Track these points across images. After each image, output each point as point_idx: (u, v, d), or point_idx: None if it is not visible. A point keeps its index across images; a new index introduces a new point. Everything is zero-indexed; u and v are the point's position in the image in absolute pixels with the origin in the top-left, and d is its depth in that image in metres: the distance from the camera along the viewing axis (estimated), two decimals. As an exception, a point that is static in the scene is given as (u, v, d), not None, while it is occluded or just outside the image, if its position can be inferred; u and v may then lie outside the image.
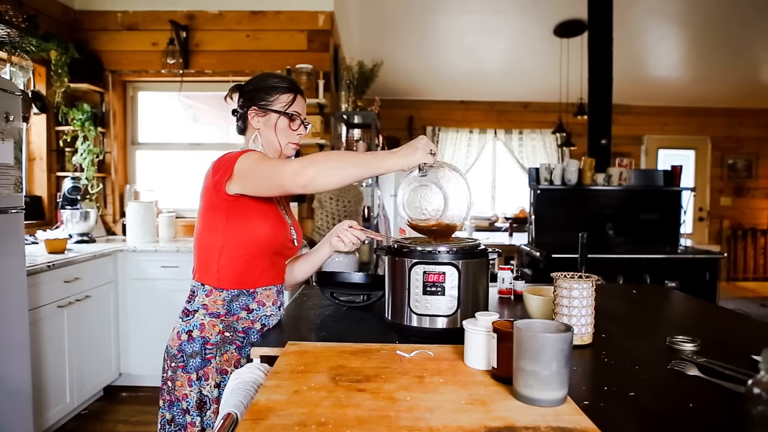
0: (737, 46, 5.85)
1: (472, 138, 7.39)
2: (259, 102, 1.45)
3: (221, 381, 1.34)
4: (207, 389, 1.34)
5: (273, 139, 1.45)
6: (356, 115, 4.20)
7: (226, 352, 1.36)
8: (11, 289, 2.15)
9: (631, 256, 3.70)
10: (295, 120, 1.47)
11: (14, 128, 2.20)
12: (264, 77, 1.50)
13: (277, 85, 1.46)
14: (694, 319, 1.69)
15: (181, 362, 1.35)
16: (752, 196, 7.58)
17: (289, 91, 1.46)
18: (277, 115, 1.44)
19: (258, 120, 1.45)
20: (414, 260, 1.28)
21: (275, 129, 1.44)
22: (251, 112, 1.45)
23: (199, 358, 1.34)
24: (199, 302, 1.38)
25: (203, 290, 1.39)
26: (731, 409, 0.89)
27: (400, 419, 0.83)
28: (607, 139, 4.25)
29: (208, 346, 1.35)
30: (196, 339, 1.35)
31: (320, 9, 3.90)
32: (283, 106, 1.45)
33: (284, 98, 1.45)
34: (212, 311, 1.37)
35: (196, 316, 1.37)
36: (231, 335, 1.38)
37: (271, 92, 1.45)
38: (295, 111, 1.46)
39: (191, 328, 1.36)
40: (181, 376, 1.34)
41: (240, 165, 1.29)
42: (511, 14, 5.35)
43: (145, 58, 3.93)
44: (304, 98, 1.53)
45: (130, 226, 3.54)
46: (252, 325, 1.41)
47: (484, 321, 1.06)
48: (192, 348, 1.35)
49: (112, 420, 2.96)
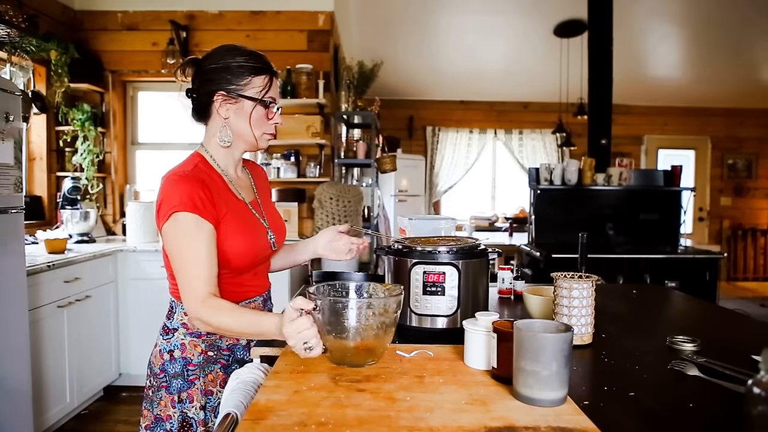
0: (737, 46, 5.85)
1: (472, 138, 7.39)
2: (226, 86, 1.22)
3: (206, 402, 1.26)
4: (192, 412, 1.24)
5: (246, 131, 1.25)
6: (356, 115, 4.21)
7: (210, 372, 1.27)
8: (11, 289, 2.15)
9: (631, 256, 3.70)
10: (272, 107, 1.26)
11: (14, 128, 2.20)
12: (227, 52, 1.25)
13: (248, 64, 1.23)
14: (694, 319, 1.69)
15: (164, 382, 1.25)
16: (752, 196, 7.58)
17: (263, 71, 1.24)
18: (252, 104, 1.23)
19: (227, 108, 1.23)
20: (414, 260, 1.27)
21: (249, 119, 1.24)
22: (217, 98, 1.23)
23: (182, 380, 1.24)
24: (179, 321, 1.27)
25: (181, 308, 1.26)
26: (731, 409, 0.89)
27: (400, 419, 0.83)
28: (607, 139, 4.25)
29: (191, 367, 1.25)
30: (178, 360, 1.25)
31: (320, 9, 3.90)
32: (258, 92, 1.23)
33: (258, 81, 1.23)
34: (192, 331, 1.25)
35: (176, 335, 1.26)
36: (215, 354, 1.27)
37: (242, 74, 1.22)
38: (271, 97, 1.26)
39: (172, 347, 1.26)
40: (165, 396, 1.25)
41: (165, 233, 1.17)
42: (511, 14, 5.35)
43: (145, 58, 3.93)
44: (278, 79, 1.31)
45: (130, 226, 3.54)
46: (237, 342, 1.31)
47: (484, 321, 1.05)
48: (174, 369, 1.25)
49: (112, 420, 2.96)
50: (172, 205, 1.16)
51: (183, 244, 1.15)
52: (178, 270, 1.17)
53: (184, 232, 1.15)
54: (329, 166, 4.03)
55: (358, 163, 4.31)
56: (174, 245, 1.17)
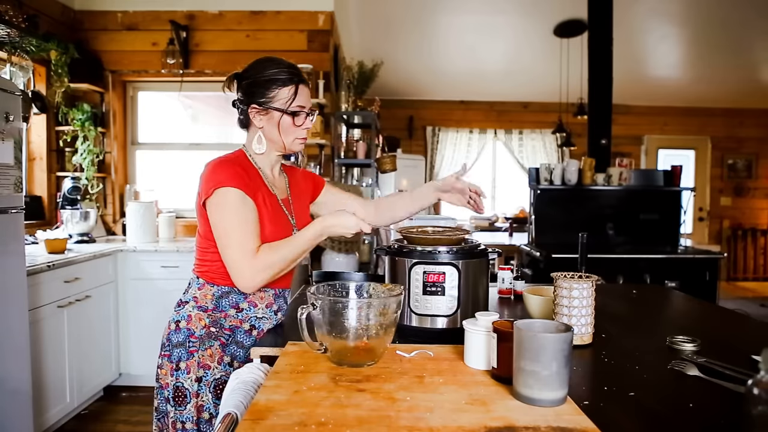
0: (737, 47, 5.85)
1: (472, 138, 7.39)
2: (258, 99, 1.34)
3: (203, 376, 1.32)
4: (188, 382, 1.31)
5: (277, 139, 1.37)
6: (356, 115, 4.21)
7: (210, 347, 1.33)
8: (11, 289, 2.15)
9: (631, 256, 3.70)
10: (300, 115, 1.36)
11: (14, 128, 2.20)
12: (260, 66, 1.36)
13: (275, 77, 1.34)
14: (694, 319, 1.69)
15: (167, 351, 1.34)
16: (752, 196, 7.58)
17: (288, 82, 1.34)
18: (280, 114, 1.34)
19: (260, 119, 1.36)
20: (414, 260, 1.28)
21: (278, 128, 1.35)
22: (252, 110, 1.36)
23: (183, 349, 1.32)
24: (191, 294, 1.38)
25: (197, 283, 1.38)
26: (731, 409, 0.89)
27: (400, 419, 0.83)
28: (607, 139, 4.25)
29: (192, 338, 1.33)
30: (182, 330, 1.34)
31: (320, 9, 3.90)
32: (285, 103, 1.34)
33: (284, 93, 1.34)
34: (201, 304, 1.35)
35: (186, 307, 1.36)
36: (216, 331, 1.35)
37: (270, 87, 1.33)
38: (299, 105, 1.36)
39: (180, 318, 1.36)
40: (166, 364, 1.33)
41: (212, 206, 1.29)
42: (511, 14, 5.35)
43: (145, 58, 3.93)
44: (307, 85, 1.40)
45: (130, 226, 3.54)
46: (240, 325, 1.37)
47: (484, 321, 1.05)
48: (177, 338, 1.34)
49: (112, 420, 2.96)
50: (218, 180, 1.28)
51: (230, 215, 1.27)
52: (228, 238, 1.26)
53: (231, 204, 1.27)
54: (329, 166, 4.03)
55: (358, 163, 4.31)
56: (220, 216, 1.27)
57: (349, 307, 1.05)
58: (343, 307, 1.04)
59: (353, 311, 1.04)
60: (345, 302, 1.07)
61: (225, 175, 1.28)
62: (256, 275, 1.25)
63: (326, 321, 1.04)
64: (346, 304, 1.06)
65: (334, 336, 1.05)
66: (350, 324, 1.04)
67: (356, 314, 1.04)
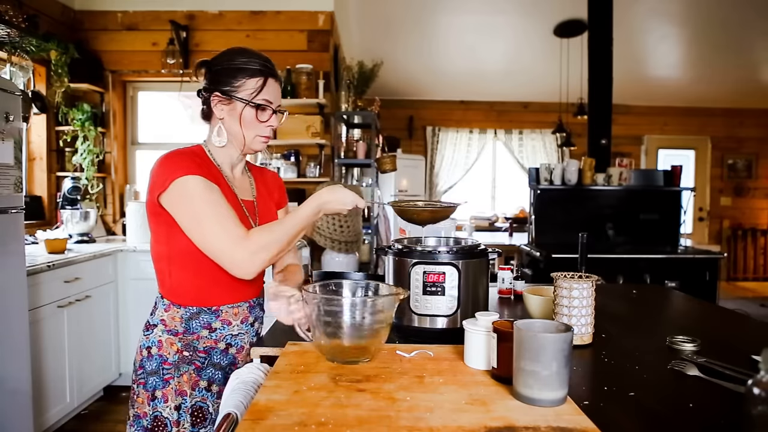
0: (737, 47, 5.85)
1: (472, 138, 7.39)
2: (222, 87, 1.23)
3: (181, 403, 1.23)
4: (166, 411, 1.22)
5: (237, 133, 1.25)
6: (356, 115, 4.21)
7: (185, 373, 1.23)
8: (11, 289, 2.15)
9: (631, 256, 3.70)
10: (266, 110, 1.25)
11: (14, 128, 2.20)
12: (232, 54, 1.25)
13: (244, 66, 1.23)
14: (694, 319, 1.69)
15: (141, 378, 1.25)
16: (752, 196, 7.58)
17: (258, 74, 1.23)
18: (243, 104, 1.23)
19: (221, 108, 1.24)
20: (414, 260, 1.28)
21: (240, 120, 1.23)
22: (214, 99, 1.24)
23: (157, 377, 1.23)
24: (159, 317, 1.26)
25: (162, 304, 1.26)
26: (731, 409, 0.89)
27: (400, 419, 0.83)
28: (607, 139, 4.26)
29: (166, 366, 1.23)
30: (155, 357, 1.24)
31: (320, 9, 3.90)
32: (250, 94, 1.23)
33: (251, 83, 1.23)
34: (170, 328, 1.24)
35: (155, 331, 1.26)
36: (190, 355, 1.25)
37: (237, 75, 1.22)
38: (265, 99, 1.24)
39: (150, 344, 1.25)
40: (142, 393, 1.24)
41: (171, 199, 1.13)
42: (511, 14, 5.35)
43: (145, 58, 3.93)
44: (279, 81, 1.30)
45: (130, 226, 3.54)
46: (215, 345, 1.27)
47: (484, 321, 1.06)
48: (150, 366, 1.24)
49: (112, 420, 2.96)
50: (172, 170, 1.14)
51: (199, 202, 1.13)
52: (204, 227, 1.13)
53: (196, 191, 1.14)
54: (329, 166, 4.03)
55: (358, 163, 4.31)
56: (186, 207, 1.14)
57: (343, 306, 1.06)
58: (337, 305, 1.06)
59: (347, 309, 1.05)
60: (339, 300, 1.08)
61: (180, 165, 1.15)
62: (254, 257, 1.13)
63: (321, 319, 1.06)
64: (340, 302, 1.07)
65: (329, 333, 1.06)
66: (344, 322, 1.05)
67: (350, 312, 1.05)
